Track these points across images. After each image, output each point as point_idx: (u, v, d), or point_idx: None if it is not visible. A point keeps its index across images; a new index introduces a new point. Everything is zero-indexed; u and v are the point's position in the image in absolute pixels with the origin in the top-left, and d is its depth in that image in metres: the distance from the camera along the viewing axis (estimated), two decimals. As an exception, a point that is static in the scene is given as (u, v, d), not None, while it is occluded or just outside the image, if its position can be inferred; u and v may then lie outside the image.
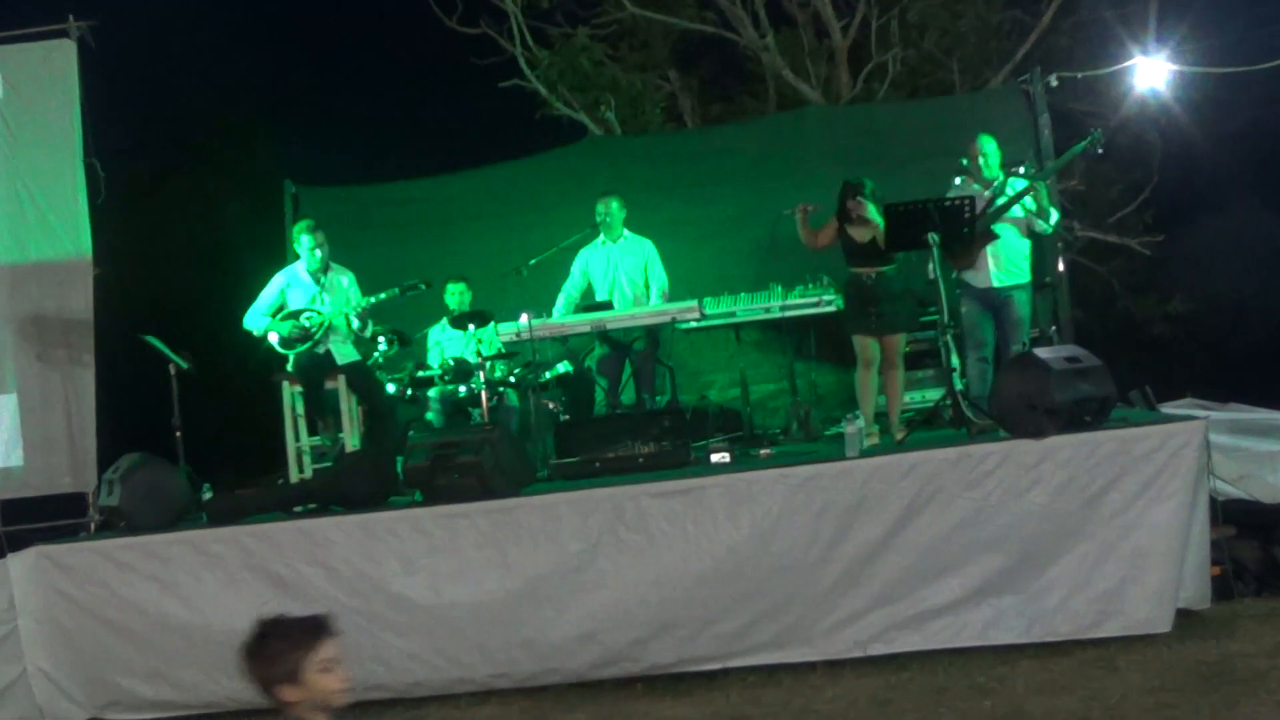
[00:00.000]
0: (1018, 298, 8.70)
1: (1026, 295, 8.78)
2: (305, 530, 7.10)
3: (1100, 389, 6.81)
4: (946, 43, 16.07)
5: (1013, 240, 8.69)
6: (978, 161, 8.76)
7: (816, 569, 6.67)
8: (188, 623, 7.07)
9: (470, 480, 7.09)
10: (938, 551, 6.62)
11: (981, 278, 8.68)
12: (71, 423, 9.94)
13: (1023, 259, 8.77)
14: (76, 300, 10.01)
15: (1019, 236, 8.74)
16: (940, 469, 6.67)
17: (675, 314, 9.31)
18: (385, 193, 11.99)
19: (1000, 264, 8.67)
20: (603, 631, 6.78)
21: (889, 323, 8.39)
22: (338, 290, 9.26)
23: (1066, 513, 6.55)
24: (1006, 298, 8.68)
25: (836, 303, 9.31)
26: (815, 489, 6.71)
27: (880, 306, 8.34)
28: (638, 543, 6.79)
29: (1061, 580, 6.56)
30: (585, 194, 10.68)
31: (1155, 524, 6.47)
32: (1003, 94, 12.95)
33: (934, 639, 6.63)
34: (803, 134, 11.62)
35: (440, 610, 6.89)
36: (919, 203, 8.17)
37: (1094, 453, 6.57)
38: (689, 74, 18.35)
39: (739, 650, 6.75)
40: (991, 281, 8.67)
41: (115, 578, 7.15)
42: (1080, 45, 15.60)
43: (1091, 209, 16.35)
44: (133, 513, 7.62)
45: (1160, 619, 6.45)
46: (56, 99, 10.27)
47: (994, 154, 8.78)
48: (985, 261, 8.65)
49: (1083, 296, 14.89)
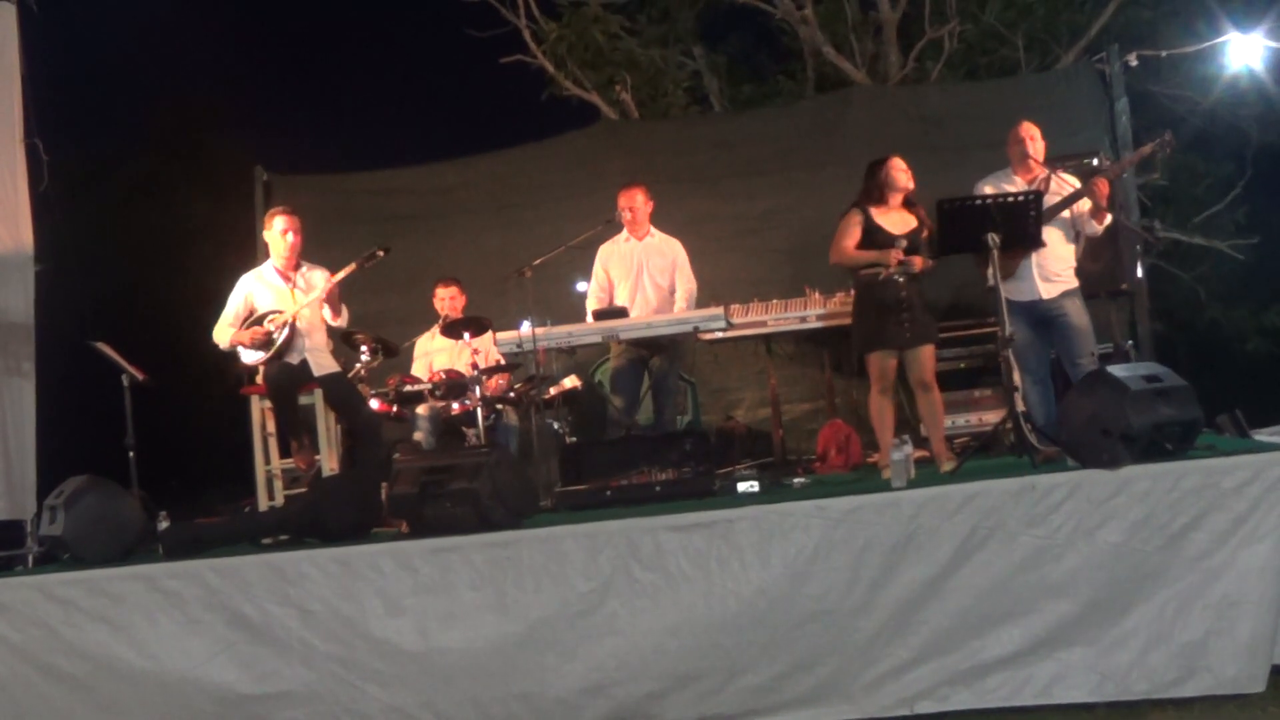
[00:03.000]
0: (1070, 306, 8.62)
1: (1080, 301, 8.68)
2: (276, 565, 7.10)
3: (1184, 412, 6.80)
4: (1010, 15, 16.11)
5: (1057, 245, 8.63)
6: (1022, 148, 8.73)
7: (857, 615, 6.67)
8: (140, 670, 7.05)
9: (464, 510, 7.11)
10: (996, 596, 6.61)
11: (1026, 289, 8.57)
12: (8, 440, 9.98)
13: (1068, 265, 8.70)
14: (15, 300, 10.06)
15: (1064, 241, 8.69)
16: (1000, 502, 6.65)
17: (698, 323, 9.34)
18: (370, 182, 12.09)
19: (1045, 272, 8.59)
20: (613, 684, 6.77)
21: (922, 334, 8.34)
22: (311, 290, 9.16)
23: (1144, 554, 6.53)
24: (1058, 309, 8.61)
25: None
26: (857, 524, 6.70)
27: (912, 314, 8.29)
28: (654, 583, 6.80)
29: (1138, 631, 6.53)
30: (597, 185, 10.76)
31: (1247, 568, 6.45)
32: (1074, 74, 12.92)
33: (990, 696, 6.61)
34: (845, 119, 11.69)
35: (428, 657, 6.89)
36: (978, 198, 8.18)
37: (1176, 485, 6.54)
38: (716, 50, 18.40)
39: (768, 706, 6.74)
40: (1040, 294, 8.59)
41: (57, 617, 7.14)
42: (1164, 19, 15.61)
43: (1176, 207, 16.36)
44: (78, 543, 7.64)
45: (1253, 677, 6.42)
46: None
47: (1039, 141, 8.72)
48: (1029, 270, 8.56)
49: (1165, 306, 14.92)
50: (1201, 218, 16.35)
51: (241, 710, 6.99)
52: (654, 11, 18.04)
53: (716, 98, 18.12)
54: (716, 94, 18.16)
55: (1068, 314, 8.61)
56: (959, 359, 9.92)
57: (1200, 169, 16.55)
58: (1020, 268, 8.53)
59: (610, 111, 16.82)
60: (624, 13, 17.68)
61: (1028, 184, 8.59)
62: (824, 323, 9.96)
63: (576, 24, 17.18)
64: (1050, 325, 8.66)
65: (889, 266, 8.26)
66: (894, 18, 17.07)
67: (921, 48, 16.71)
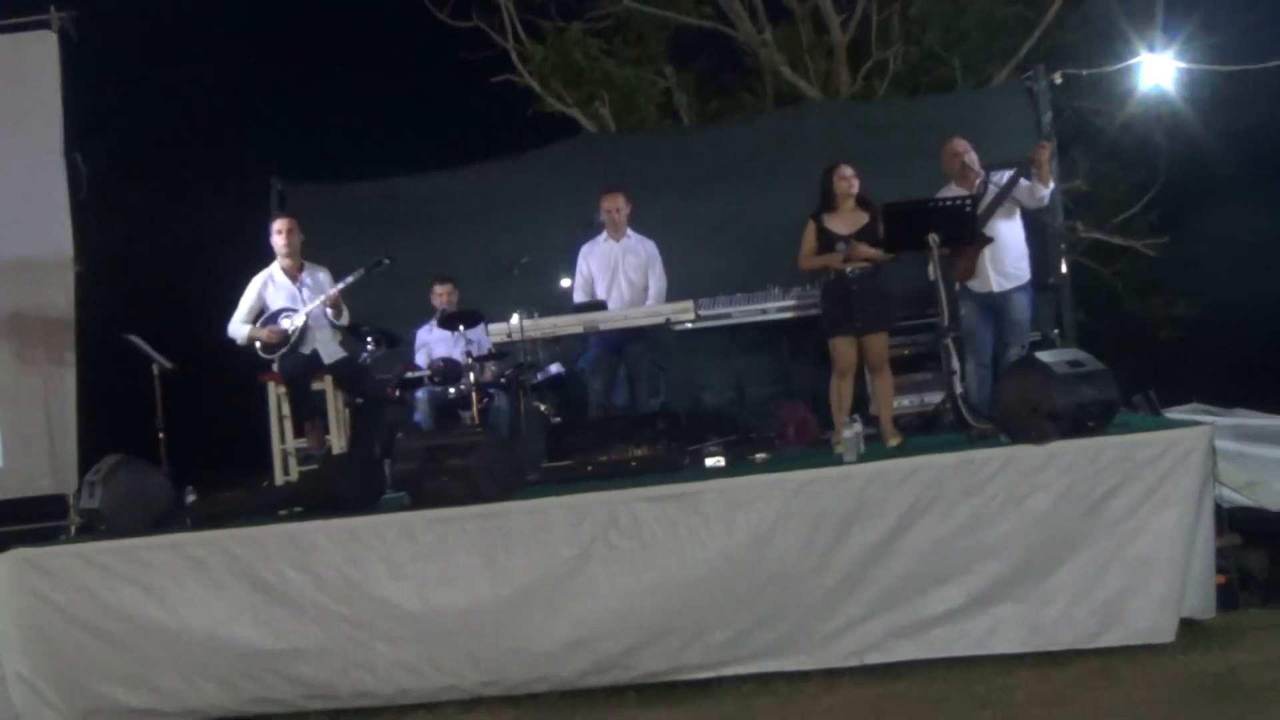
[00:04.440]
0: (1017, 299, 8.72)
1: (1027, 297, 8.79)
2: (291, 534, 7.09)
3: (1104, 393, 6.81)
4: (949, 39, 16.12)
5: (1010, 239, 8.70)
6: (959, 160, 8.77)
7: (812, 576, 6.67)
8: (170, 628, 7.05)
9: (460, 484, 7.08)
10: (937, 559, 6.62)
11: (982, 282, 8.71)
12: (51, 423, 9.96)
13: (1022, 259, 8.78)
14: (57, 298, 10.04)
15: (1016, 234, 8.75)
16: (940, 474, 6.67)
17: (670, 315, 9.33)
18: (373, 190, 12.04)
19: (1000, 266, 8.69)
20: (594, 639, 6.77)
21: (876, 321, 8.35)
22: (316, 288, 9.23)
23: (1068, 520, 6.54)
24: (1007, 301, 8.70)
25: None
26: (812, 494, 6.71)
27: (868, 304, 8.30)
28: (630, 549, 6.79)
29: (1063, 589, 6.55)
30: (578, 192, 10.73)
31: (1159, 532, 6.47)
32: (1006, 91, 12.97)
33: (932, 648, 6.63)
34: (801, 131, 11.66)
35: (428, 617, 6.88)
36: (919, 202, 8.21)
37: (1097, 459, 6.56)
38: (685, 69, 18.37)
39: (733, 658, 6.74)
40: (992, 286, 8.71)
41: (96, 582, 7.13)
42: (1085, 42, 15.64)
43: (1096, 210, 16.39)
44: (114, 515, 7.60)
45: (1164, 629, 6.45)
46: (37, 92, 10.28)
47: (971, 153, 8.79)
48: (984, 266, 8.67)
49: (1086, 299, 14.92)
50: (1119, 219, 16.40)
51: (261, 664, 6.99)
52: (629, 35, 18.03)
53: (686, 112, 18.10)
54: (686, 109, 18.14)
55: (1013, 306, 8.70)
56: (903, 346, 9.91)
57: (1117, 175, 16.60)
58: (978, 264, 8.60)
59: (590, 125, 16.80)
60: (602, 36, 17.68)
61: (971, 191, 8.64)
62: (783, 314, 9.95)
63: (559, 46, 17.18)
64: (998, 315, 8.73)
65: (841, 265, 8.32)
66: (844, 41, 17.10)
67: (869, 68, 16.74)
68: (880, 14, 16.58)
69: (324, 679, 6.96)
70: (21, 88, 10.32)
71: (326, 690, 6.98)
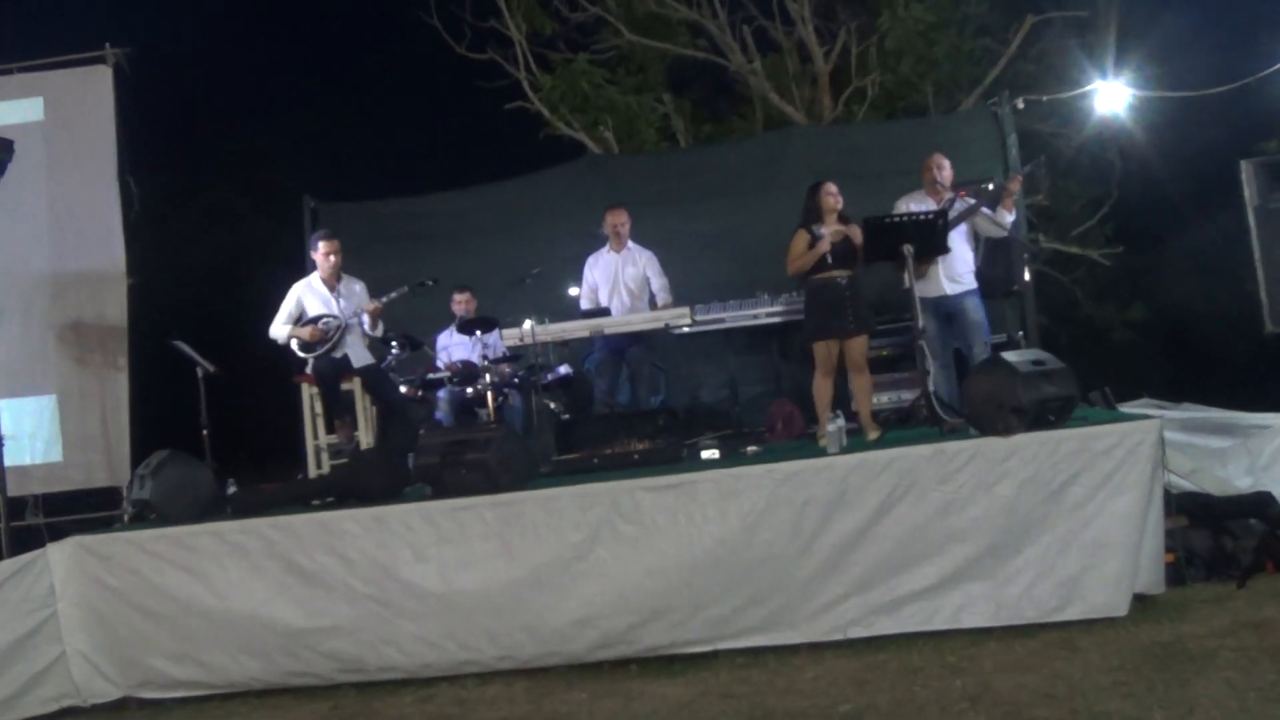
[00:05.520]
0: (970, 303, 8.73)
1: (977, 299, 8.81)
2: (323, 522, 7.09)
3: (1063, 390, 6.82)
4: (921, 68, 16.07)
5: (960, 250, 8.72)
6: (932, 174, 8.79)
7: (799, 558, 6.67)
8: (213, 608, 7.06)
9: (477, 476, 7.08)
10: (912, 541, 6.62)
11: (934, 288, 8.69)
12: (107, 422, 10.01)
13: (969, 267, 8.81)
14: (112, 308, 10.10)
15: (965, 247, 8.78)
16: (915, 465, 6.67)
17: (669, 320, 9.34)
18: (398, 207, 12.01)
19: (951, 274, 8.71)
20: (600, 616, 6.77)
21: (860, 325, 8.34)
22: (351, 297, 9.25)
23: (1032, 505, 6.55)
24: (960, 305, 8.71)
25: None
26: (799, 484, 6.71)
27: (853, 310, 8.31)
28: (633, 534, 6.79)
29: (1027, 568, 6.55)
30: (584, 208, 10.73)
31: (1114, 515, 6.48)
32: (973, 116, 12.95)
33: (908, 623, 6.62)
34: (787, 152, 11.64)
35: (449, 597, 6.88)
36: (895, 216, 8.25)
37: (1057, 449, 6.57)
38: (682, 96, 18.33)
39: (728, 634, 6.74)
40: (944, 290, 8.71)
41: (147, 566, 7.15)
42: (1045, 71, 15.60)
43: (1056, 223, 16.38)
44: (163, 505, 7.63)
45: (1118, 603, 6.45)
46: (94, 121, 10.36)
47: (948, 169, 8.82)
48: (937, 273, 8.68)
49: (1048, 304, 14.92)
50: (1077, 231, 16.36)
51: (297, 640, 7.00)
52: (630, 65, 18.00)
53: (682, 136, 18.05)
54: (682, 132, 18.09)
55: (967, 310, 8.70)
56: (882, 348, 9.89)
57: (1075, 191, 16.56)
58: (930, 270, 8.57)
59: (595, 147, 16.74)
60: (606, 67, 17.64)
61: (936, 203, 8.67)
62: (772, 319, 9.93)
63: (567, 76, 17.14)
64: (953, 319, 8.74)
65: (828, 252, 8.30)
66: (826, 70, 17.06)
67: (849, 94, 16.69)
68: (859, 46, 16.53)
69: (354, 654, 6.97)
70: (81, 118, 10.39)
71: (356, 664, 6.99)
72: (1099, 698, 5.35)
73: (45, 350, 10.13)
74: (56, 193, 10.27)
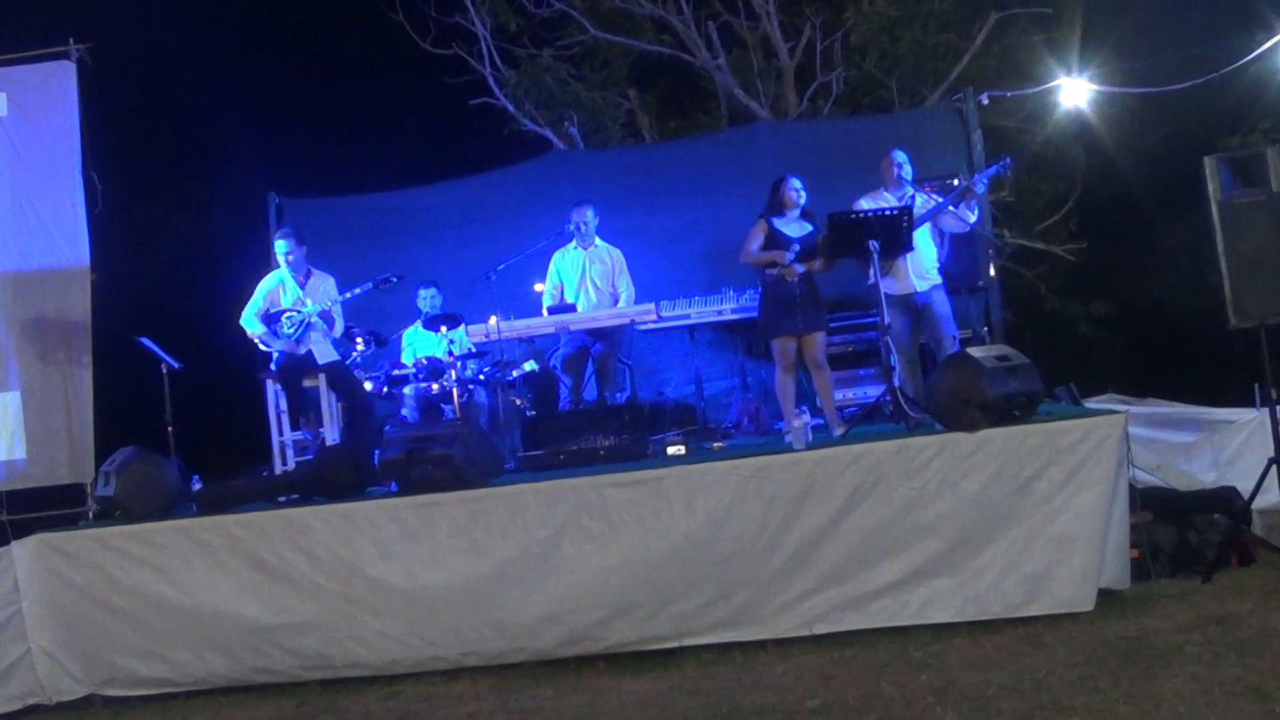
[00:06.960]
0: (936, 297, 8.72)
1: (944, 294, 8.80)
2: (288, 519, 7.06)
3: (1029, 385, 6.84)
4: (886, 64, 16.11)
5: (924, 247, 8.71)
6: (893, 172, 8.77)
7: (766, 554, 6.67)
8: (179, 605, 7.03)
9: (443, 472, 7.06)
10: (879, 537, 6.63)
11: (902, 285, 8.65)
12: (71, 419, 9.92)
13: (933, 263, 8.80)
14: (76, 305, 10.01)
15: (929, 243, 8.77)
16: (881, 460, 6.68)
17: (634, 316, 9.33)
18: (364, 204, 11.95)
19: (918, 270, 8.68)
20: (567, 612, 6.76)
21: (814, 322, 8.36)
22: (320, 293, 9.20)
23: (997, 500, 6.57)
24: (926, 300, 8.70)
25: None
26: (765, 479, 6.71)
27: (806, 306, 8.32)
28: (599, 530, 6.78)
29: (993, 563, 6.57)
30: (549, 204, 10.70)
31: (1079, 510, 6.50)
32: (938, 112, 12.98)
33: (875, 618, 6.64)
34: (752, 148, 11.64)
35: (415, 593, 6.86)
36: (861, 212, 8.23)
37: (1023, 444, 6.59)
38: (647, 92, 18.32)
39: (694, 629, 6.74)
40: (914, 287, 8.68)
41: (111, 563, 7.11)
42: (1009, 67, 15.63)
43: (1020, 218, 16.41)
44: (128, 502, 7.58)
45: (1084, 598, 6.48)
46: (57, 116, 10.26)
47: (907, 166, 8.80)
48: (905, 268, 8.64)
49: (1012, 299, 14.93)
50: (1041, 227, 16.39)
51: (262, 637, 6.97)
52: (596, 61, 18.00)
53: (648, 131, 18.05)
54: (647, 128, 18.09)
55: (934, 304, 8.69)
56: (847, 344, 9.92)
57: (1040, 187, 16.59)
58: (896, 266, 8.57)
59: (561, 143, 16.74)
60: (571, 63, 17.63)
61: (897, 199, 8.64)
62: (737, 315, 9.96)
63: (532, 72, 17.13)
64: (920, 314, 8.72)
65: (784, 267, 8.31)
66: (792, 66, 17.07)
67: (814, 90, 16.71)
68: (824, 41, 16.54)
69: (320, 650, 6.94)
70: (44, 113, 10.30)
71: (322, 661, 6.96)
72: (1065, 692, 5.36)
73: (8, 347, 10.03)
74: (19, 188, 10.17)
